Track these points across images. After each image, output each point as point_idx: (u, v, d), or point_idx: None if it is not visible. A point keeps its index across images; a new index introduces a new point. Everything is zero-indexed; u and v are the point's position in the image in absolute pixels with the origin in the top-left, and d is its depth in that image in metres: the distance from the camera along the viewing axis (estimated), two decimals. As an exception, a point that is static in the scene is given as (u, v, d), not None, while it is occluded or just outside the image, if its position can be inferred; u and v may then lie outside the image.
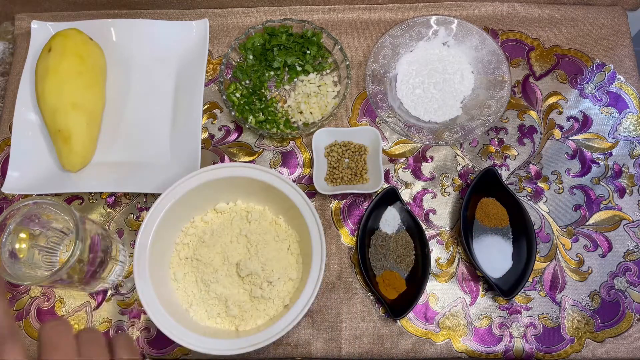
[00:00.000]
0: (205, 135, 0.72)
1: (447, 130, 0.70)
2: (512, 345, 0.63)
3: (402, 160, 0.71)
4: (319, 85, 0.73)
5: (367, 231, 0.66)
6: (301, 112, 0.72)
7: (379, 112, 0.70)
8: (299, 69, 0.74)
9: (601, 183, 0.69)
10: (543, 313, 0.64)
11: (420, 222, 0.66)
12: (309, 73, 0.74)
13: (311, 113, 0.71)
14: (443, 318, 0.64)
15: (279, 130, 0.70)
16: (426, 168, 0.70)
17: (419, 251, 0.65)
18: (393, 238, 0.65)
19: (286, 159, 0.71)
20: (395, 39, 0.74)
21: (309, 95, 0.72)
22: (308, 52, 0.74)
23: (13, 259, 0.53)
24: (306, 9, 0.79)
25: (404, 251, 0.65)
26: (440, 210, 0.68)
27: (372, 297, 0.65)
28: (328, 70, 0.75)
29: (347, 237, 0.67)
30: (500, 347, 0.63)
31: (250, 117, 0.71)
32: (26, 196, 0.68)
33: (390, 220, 0.66)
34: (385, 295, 0.62)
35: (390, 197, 0.67)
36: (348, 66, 0.71)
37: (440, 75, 0.74)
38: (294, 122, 0.72)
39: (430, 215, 0.68)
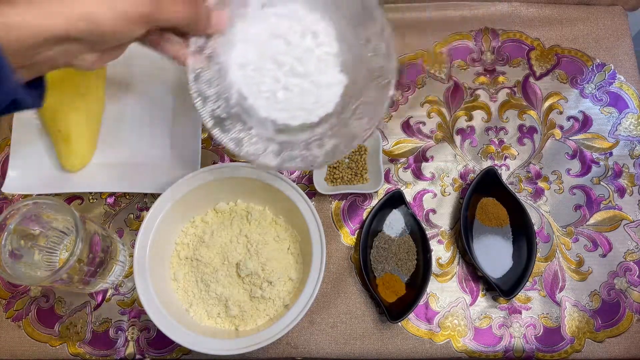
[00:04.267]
0: (205, 135, 0.72)
1: (351, 111, 0.48)
2: (512, 345, 0.63)
3: (402, 160, 0.71)
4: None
5: (370, 233, 0.66)
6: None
7: (259, 160, 0.47)
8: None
9: (601, 183, 0.69)
10: (543, 313, 0.64)
11: (424, 228, 0.65)
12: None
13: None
14: (443, 318, 0.64)
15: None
16: (426, 168, 0.70)
17: (421, 256, 0.65)
18: (396, 242, 0.65)
19: (286, 159, 0.71)
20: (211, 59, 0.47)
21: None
22: None
23: (13, 259, 0.53)
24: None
25: (406, 255, 0.65)
26: (440, 210, 0.68)
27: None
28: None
29: (347, 237, 0.67)
30: (500, 347, 0.63)
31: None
32: (26, 196, 0.68)
33: (395, 224, 0.66)
34: (383, 298, 0.62)
35: (396, 200, 0.67)
36: None
37: (286, 55, 0.47)
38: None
39: (430, 215, 0.68)
